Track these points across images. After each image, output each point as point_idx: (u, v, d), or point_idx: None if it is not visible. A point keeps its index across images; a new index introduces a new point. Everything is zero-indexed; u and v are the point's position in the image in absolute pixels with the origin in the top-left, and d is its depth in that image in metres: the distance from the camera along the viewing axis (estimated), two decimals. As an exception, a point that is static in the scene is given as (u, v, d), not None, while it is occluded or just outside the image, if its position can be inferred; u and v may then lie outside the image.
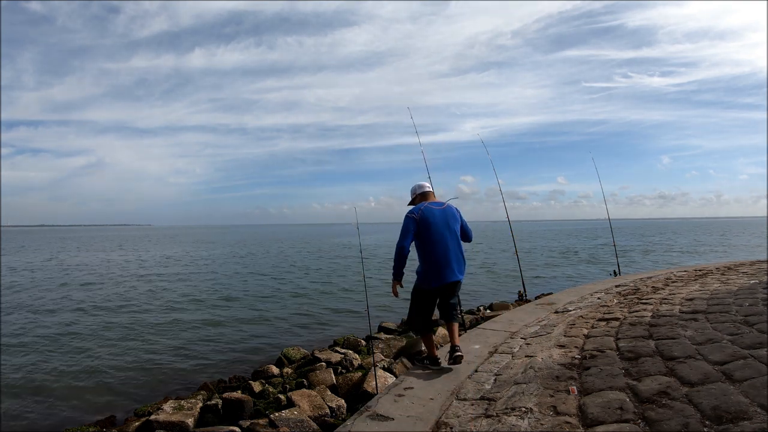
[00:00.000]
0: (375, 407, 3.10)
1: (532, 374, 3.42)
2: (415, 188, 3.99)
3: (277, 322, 10.56)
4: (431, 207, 3.71)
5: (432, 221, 3.62)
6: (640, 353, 3.58)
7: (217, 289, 16.07)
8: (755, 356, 3.13)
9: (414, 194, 3.98)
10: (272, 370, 6.34)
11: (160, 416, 4.69)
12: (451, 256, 3.63)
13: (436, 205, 3.76)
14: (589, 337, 4.35)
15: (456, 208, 3.86)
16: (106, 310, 12.36)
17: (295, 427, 4.32)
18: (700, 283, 7.34)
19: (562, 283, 15.84)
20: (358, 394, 5.17)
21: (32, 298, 14.57)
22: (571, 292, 7.94)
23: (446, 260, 3.61)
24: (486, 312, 9.26)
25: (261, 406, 5.07)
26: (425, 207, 3.70)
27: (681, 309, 5.13)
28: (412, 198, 3.99)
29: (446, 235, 3.65)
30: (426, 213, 3.65)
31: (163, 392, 6.21)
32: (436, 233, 3.61)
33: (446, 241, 3.64)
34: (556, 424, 2.56)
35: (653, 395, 2.73)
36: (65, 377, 6.99)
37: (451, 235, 3.67)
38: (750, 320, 4.18)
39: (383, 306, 12.16)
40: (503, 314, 6.47)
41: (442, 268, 3.60)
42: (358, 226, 7.18)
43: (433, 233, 3.61)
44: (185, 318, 11.15)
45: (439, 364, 3.78)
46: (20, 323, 10.78)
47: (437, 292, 3.71)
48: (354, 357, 6.37)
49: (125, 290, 16.05)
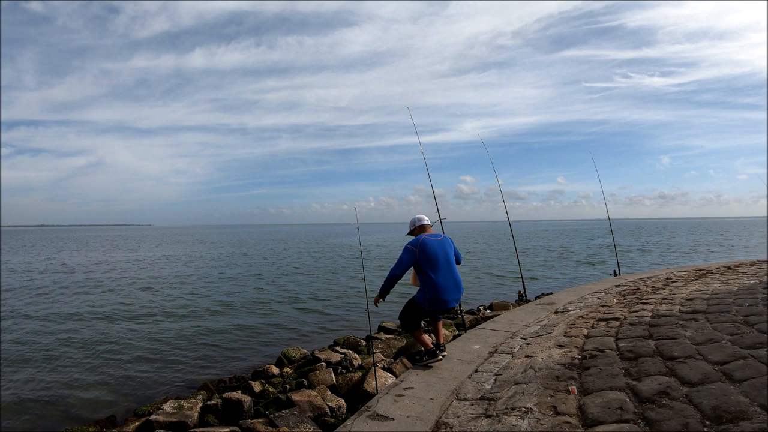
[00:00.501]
0: (375, 407, 3.10)
1: (532, 374, 3.42)
2: (415, 221, 4.29)
3: (277, 322, 10.56)
4: (430, 239, 4.03)
5: (431, 252, 3.95)
6: (640, 353, 3.58)
7: (217, 290, 16.08)
8: (755, 356, 3.13)
9: (413, 226, 4.28)
10: (272, 370, 6.34)
11: (160, 416, 4.69)
12: (451, 286, 3.97)
13: (434, 237, 4.09)
14: (589, 337, 4.35)
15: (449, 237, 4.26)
16: (106, 310, 12.36)
17: (295, 427, 4.32)
18: (700, 283, 7.34)
19: (561, 283, 15.84)
20: (358, 394, 5.17)
21: (31, 298, 14.58)
22: (571, 292, 7.94)
23: (447, 290, 3.94)
24: (486, 312, 9.26)
25: (261, 406, 5.07)
26: (424, 239, 4.01)
27: (681, 309, 5.13)
28: (411, 230, 4.31)
29: (445, 265, 3.98)
30: (426, 245, 3.97)
31: (163, 392, 6.21)
32: (436, 265, 3.94)
33: (445, 271, 3.97)
34: (556, 424, 2.56)
35: (653, 395, 2.73)
36: (65, 377, 6.99)
37: (449, 265, 4.02)
38: (750, 320, 4.19)
39: (383, 306, 12.17)
40: (503, 314, 6.47)
41: (441, 296, 3.92)
42: (358, 226, 7.18)
43: (433, 265, 3.94)
44: (185, 318, 11.16)
45: (436, 356, 4.06)
46: (20, 323, 10.78)
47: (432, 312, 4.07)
48: (354, 357, 6.37)
49: (125, 290, 16.05)
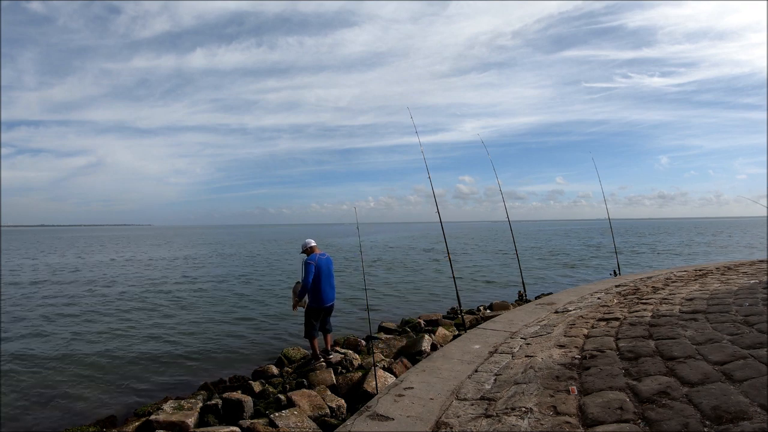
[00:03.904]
0: (375, 407, 3.10)
1: (532, 374, 3.42)
2: (306, 244, 6.21)
3: (277, 322, 10.55)
4: (321, 257, 6.07)
5: (322, 266, 6.00)
6: (640, 353, 3.58)
7: (217, 289, 16.08)
8: (755, 356, 3.13)
9: (306, 248, 6.18)
10: (272, 370, 6.34)
11: (160, 416, 4.68)
12: (330, 288, 6.09)
13: (322, 255, 6.13)
14: (589, 337, 4.35)
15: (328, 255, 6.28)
16: (105, 310, 12.36)
17: (295, 427, 4.32)
18: (700, 283, 7.35)
19: (561, 283, 15.84)
20: (358, 394, 5.17)
21: (30, 298, 14.57)
22: (571, 292, 7.94)
23: (327, 290, 6.05)
24: (486, 312, 9.26)
25: (261, 406, 5.07)
26: (318, 257, 6.03)
27: (681, 309, 5.13)
28: (304, 250, 6.17)
29: (328, 275, 6.08)
30: (319, 261, 6.00)
31: (163, 392, 6.21)
32: (323, 274, 5.98)
33: (328, 279, 6.08)
34: (556, 424, 2.56)
35: (653, 395, 2.73)
36: (65, 377, 6.99)
37: (330, 274, 6.13)
38: (750, 320, 4.19)
39: (383, 306, 12.18)
40: (503, 314, 6.48)
41: (324, 294, 6.01)
42: (358, 226, 7.18)
43: (322, 274, 5.97)
44: (185, 318, 11.16)
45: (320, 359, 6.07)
46: (19, 323, 10.78)
47: (322, 310, 6.08)
48: (354, 357, 6.36)
49: (124, 290, 16.05)
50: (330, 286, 6.07)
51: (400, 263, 24.75)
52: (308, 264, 5.86)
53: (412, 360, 6.09)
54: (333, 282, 6.15)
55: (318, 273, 5.89)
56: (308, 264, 5.86)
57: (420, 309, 11.39)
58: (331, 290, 6.09)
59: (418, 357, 6.07)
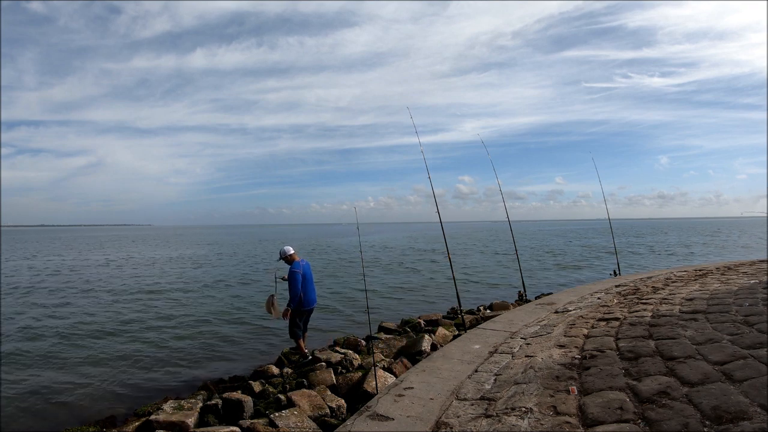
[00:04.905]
0: (375, 407, 3.10)
1: (532, 374, 3.42)
2: (285, 251, 6.47)
3: (277, 322, 10.53)
4: (303, 264, 6.43)
5: (306, 272, 6.37)
6: (640, 353, 3.58)
7: (217, 289, 16.07)
8: (755, 356, 3.13)
9: (286, 255, 6.45)
10: (272, 370, 6.34)
11: (160, 416, 4.68)
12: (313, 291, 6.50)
13: (304, 262, 6.49)
14: (589, 337, 4.35)
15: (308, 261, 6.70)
16: (104, 310, 12.36)
17: (295, 427, 4.32)
18: (700, 283, 7.35)
19: (561, 283, 15.84)
20: (358, 394, 5.17)
21: (30, 298, 14.57)
22: (571, 292, 7.94)
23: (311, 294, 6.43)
24: (486, 312, 9.25)
25: (261, 406, 5.07)
26: (302, 264, 6.39)
27: (681, 309, 5.13)
28: (285, 257, 6.44)
29: (310, 279, 6.47)
30: (304, 268, 6.36)
31: (163, 392, 6.21)
32: (307, 279, 6.34)
33: (311, 283, 6.46)
34: (556, 424, 2.56)
35: (653, 395, 2.74)
36: (65, 377, 6.99)
37: (311, 278, 6.52)
38: (750, 320, 4.19)
39: (383, 306, 12.17)
40: (503, 314, 6.48)
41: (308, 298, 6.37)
42: (358, 226, 7.18)
43: (306, 279, 6.31)
44: (185, 318, 11.15)
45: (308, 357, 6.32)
46: (19, 323, 10.78)
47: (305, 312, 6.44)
48: (354, 357, 6.36)
49: (124, 290, 16.05)
50: (312, 289, 6.51)
51: (400, 263, 24.76)
52: (295, 273, 6.18)
53: (412, 360, 6.09)
54: (314, 285, 6.60)
55: (303, 279, 6.26)
56: (295, 273, 6.18)
57: (420, 309, 11.39)
58: (313, 293, 6.50)
59: (418, 357, 6.06)
